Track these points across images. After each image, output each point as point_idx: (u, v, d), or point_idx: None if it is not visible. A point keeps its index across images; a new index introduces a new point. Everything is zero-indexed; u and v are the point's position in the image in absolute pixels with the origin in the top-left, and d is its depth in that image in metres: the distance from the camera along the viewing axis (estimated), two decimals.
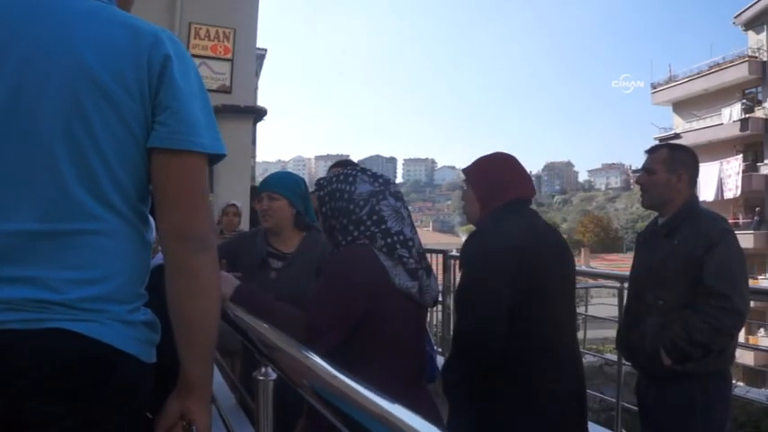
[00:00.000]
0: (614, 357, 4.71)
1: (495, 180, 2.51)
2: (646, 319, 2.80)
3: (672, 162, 2.85)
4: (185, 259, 1.21)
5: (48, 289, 1.11)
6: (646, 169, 2.92)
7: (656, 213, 2.99)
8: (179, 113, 1.19)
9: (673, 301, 2.72)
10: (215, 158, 1.27)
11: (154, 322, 1.27)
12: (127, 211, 1.21)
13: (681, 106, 31.09)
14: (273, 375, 1.36)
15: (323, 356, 1.14)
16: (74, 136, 1.14)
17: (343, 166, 3.31)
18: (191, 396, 1.24)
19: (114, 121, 1.16)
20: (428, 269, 2.14)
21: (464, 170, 2.69)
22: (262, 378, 1.35)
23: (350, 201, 2.07)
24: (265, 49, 15.69)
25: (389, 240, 2.02)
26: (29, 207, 1.13)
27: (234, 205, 5.68)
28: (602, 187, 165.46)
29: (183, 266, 1.21)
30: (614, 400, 4.36)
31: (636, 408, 3.78)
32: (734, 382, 7.46)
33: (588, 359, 7.38)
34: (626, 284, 3.75)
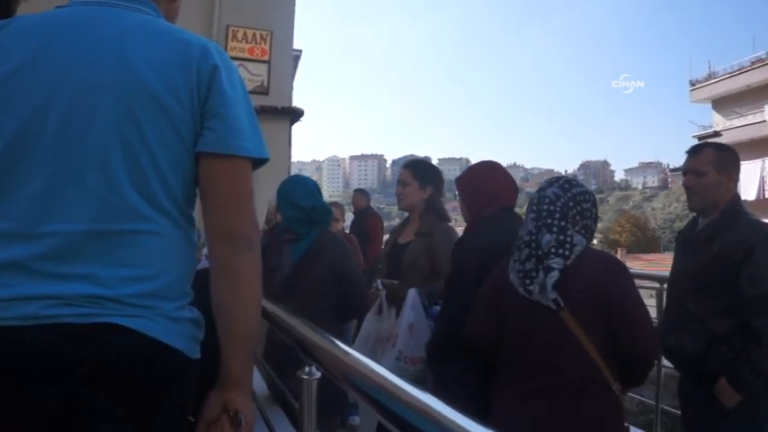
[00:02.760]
0: None
1: (482, 190, 2.71)
2: (687, 324, 2.77)
3: (721, 162, 2.78)
4: (230, 258, 1.26)
5: (100, 285, 1.16)
6: (694, 171, 2.83)
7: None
8: (226, 120, 1.26)
9: (713, 306, 2.68)
10: (259, 163, 1.32)
11: (199, 320, 1.32)
12: (175, 212, 1.27)
13: (721, 103, 30.31)
14: (317, 374, 1.39)
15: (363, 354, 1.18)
16: (127, 142, 1.20)
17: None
18: (233, 389, 1.28)
19: (166, 128, 1.23)
20: (546, 268, 2.15)
21: (458, 180, 2.87)
22: (306, 377, 1.38)
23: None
24: (300, 51, 15.80)
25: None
26: (84, 208, 1.18)
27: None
28: (639, 186, 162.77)
29: (228, 265, 1.26)
30: (653, 402, 4.29)
31: (675, 410, 3.74)
32: None
33: None
34: (665, 286, 3.70)
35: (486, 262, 2.41)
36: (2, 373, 1.12)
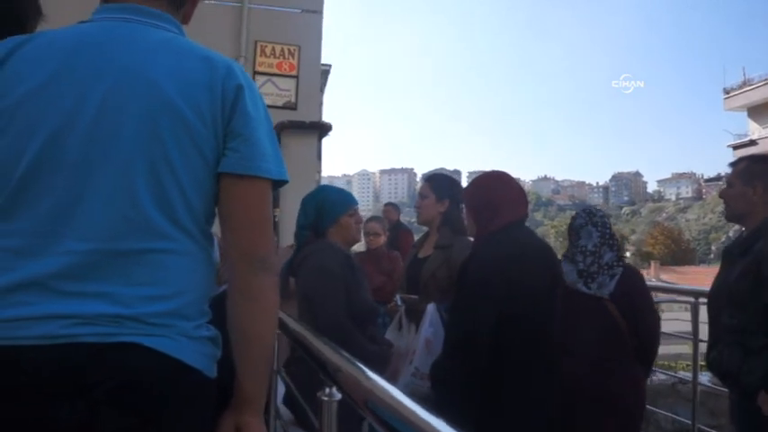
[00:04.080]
0: (688, 375, 4.53)
1: (489, 203, 2.59)
2: (723, 337, 2.75)
3: (748, 174, 2.82)
4: (248, 279, 1.25)
5: (120, 304, 1.15)
6: (727, 182, 2.92)
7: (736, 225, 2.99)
8: (249, 140, 1.25)
9: (746, 320, 2.63)
10: (278, 184, 1.31)
11: (217, 338, 1.31)
12: (196, 231, 1.26)
13: (757, 111, 29.74)
14: (338, 396, 1.36)
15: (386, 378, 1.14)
16: (151, 160, 1.20)
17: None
18: (246, 411, 1.27)
19: (189, 147, 1.22)
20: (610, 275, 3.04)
21: (464, 196, 2.84)
22: (326, 399, 1.35)
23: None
24: (330, 65, 15.93)
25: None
26: (105, 226, 1.17)
27: None
28: (673, 197, 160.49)
29: (246, 286, 1.25)
30: (689, 421, 4.17)
31: (710, 430, 3.65)
32: None
33: (659, 377, 7.12)
34: (701, 300, 3.65)
35: (495, 281, 2.36)
36: (21, 393, 1.10)
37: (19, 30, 1.65)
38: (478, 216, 2.62)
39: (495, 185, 2.68)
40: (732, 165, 2.95)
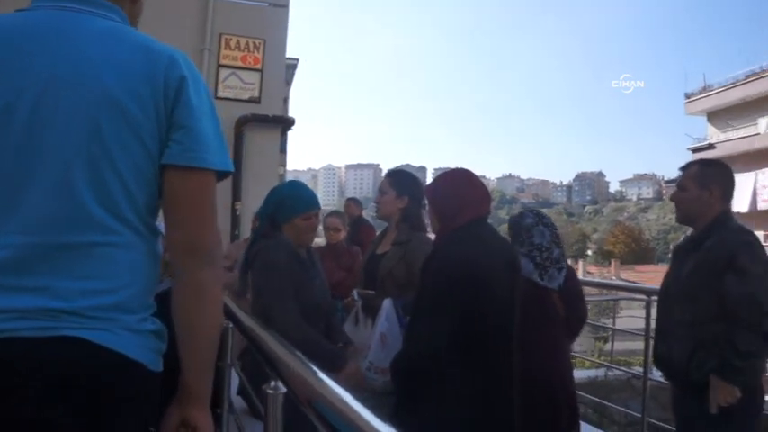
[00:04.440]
0: (641, 371, 4.64)
1: (452, 200, 2.59)
2: (674, 332, 2.86)
3: (702, 178, 2.92)
4: (192, 272, 1.25)
5: (58, 298, 1.15)
6: (679, 186, 3.02)
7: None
8: (193, 132, 1.24)
9: (699, 313, 2.75)
10: (223, 175, 1.30)
11: (161, 331, 1.30)
12: (139, 224, 1.25)
13: (716, 116, 30.42)
14: (283, 389, 1.37)
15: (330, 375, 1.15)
16: (90, 152, 1.18)
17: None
18: (191, 403, 1.28)
19: (130, 139, 1.20)
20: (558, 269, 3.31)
21: (425, 189, 2.89)
22: (271, 392, 1.36)
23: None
24: (297, 59, 15.82)
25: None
26: (45, 219, 1.16)
27: None
28: (634, 198, 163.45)
29: (190, 279, 1.25)
30: (639, 415, 4.28)
31: (661, 423, 3.77)
32: None
33: (615, 373, 7.29)
34: (653, 298, 3.77)
35: (457, 278, 2.35)
36: None
37: None
38: (442, 213, 2.62)
39: (459, 183, 2.69)
40: (683, 169, 3.04)
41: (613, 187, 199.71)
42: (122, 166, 1.21)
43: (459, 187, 2.65)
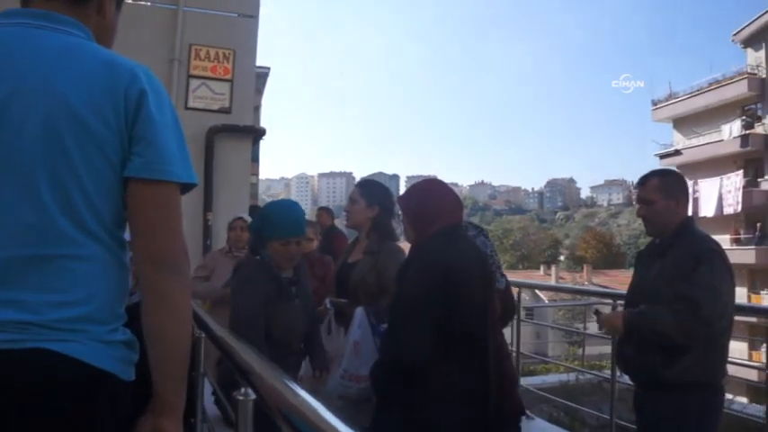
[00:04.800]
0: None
1: (426, 209, 2.65)
2: (638, 333, 2.91)
3: (667, 189, 2.99)
4: (159, 283, 1.26)
5: (27, 311, 1.16)
6: (644, 200, 3.04)
7: None
8: (154, 144, 1.26)
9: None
10: (187, 187, 1.33)
11: (132, 342, 1.32)
12: (105, 236, 1.27)
13: (681, 123, 31.07)
14: (253, 395, 1.40)
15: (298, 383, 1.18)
16: (54, 166, 1.20)
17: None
18: (164, 414, 1.29)
19: (93, 152, 1.23)
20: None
21: (398, 199, 2.90)
22: (242, 398, 1.39)
23: None
24: (268, 68, 15.84)
25: None
26: (12, 233, 1.19)
27: (241, 218, 5.26)
28: (605, 203, 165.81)
29: (157, 290, 1.26)
30: (608, 417, 4.36)
31: (629, 425, 3.85)
32: (732, 397, 7.50)
33: (587, 376, 7.40)
34: (619, 302, 3.85)
35: (435, 284, 2.41)
36: None
37: None
38: (416, 222, 2.66)
39: (432, 192, 2.75)
40: (641, 183, 3.09)
41: (584, 193, 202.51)
42: (86, 179, 1.23)
43: (432, 197, 2.71)
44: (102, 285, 1.26)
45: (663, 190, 2.99)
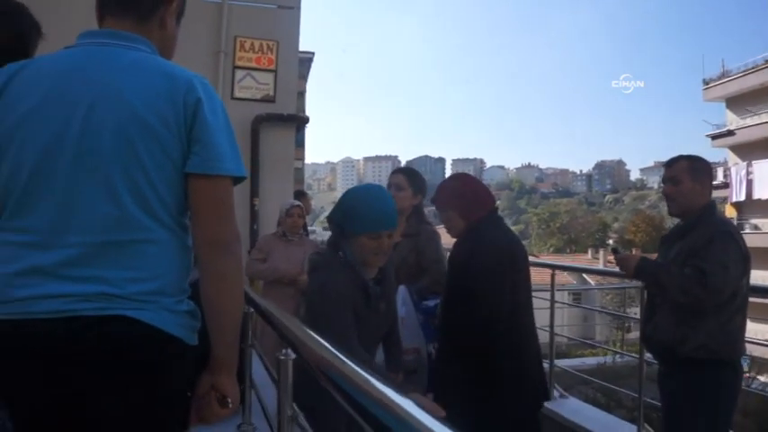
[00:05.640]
0: (648, 356, 4.77)
1: (471, 198, 3.02)
2: (660, 311, 3.10)
3: (694, 172, 3.12)
4: (214, 262, 1.50)
5: (111, 285, 1.41)
6: (671, 179, 3.18)
7: None
8: (208, 145, 1.49)
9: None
10: (238, 180, 1.56)
11: (195, 311, 1.56)
12: (171, 223, 1.51)
13: (734, 102, 30.12)
14: (293, 355, 1.63)
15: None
16: (127, 165, 1.44)
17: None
18: (220, 372, 1.54)
19: (159, 153, 1.46)
20: None
21: (436, 199, 3.13)
22: (283, 358, 1.62)
23: None
24: (312, 53, 16.15)
25: None
26: (95, 222, 1.43)
27: (299, 206, 5.62)
28: (655, 185, 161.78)
29: (213, 269, 1.50)
30: (645, 398, 4.40)
31: (657, 403, 3.96)
32: (753, 375, 7.50)
33: (625, 359, 7.46)
34: None
35: (501, 258, 2.82)
36: (35, 357, 1.38)
37: (23, 52, 1.92)
38: (464, 210, 2.98)
39: (470, 183, 3.18)
40: (669, 164, 3.22)
41: (634, 175, 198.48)
42: (154, 175, 1.46)
43: (471, 186, 3.11)
44: (170, 264, 1.50)
45: (690, 172, 3.11)
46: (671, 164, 3.21)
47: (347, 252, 2.60)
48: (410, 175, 3.86)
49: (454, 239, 3.08)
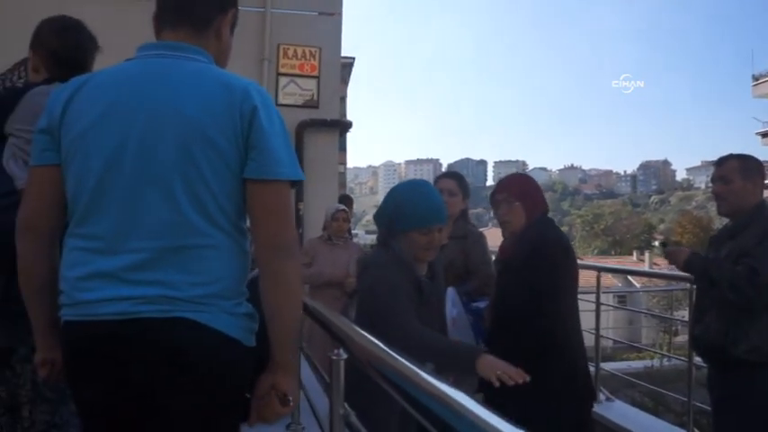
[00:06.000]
0: (698, 360, 4.70)
1: (536, 197, 3.10)
2: (709, 313, 3.05)
3: (746, 170, 3.07)
4: (274, 264, 1.53)
5: (173, 289, 1.47)
6: (721, 178, 3.13)
7: None
8: (265, 151, 1.52)
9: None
10: (296, 183, 1.59)
11: (253, 314, 1.60)
12: (230, 228, 1.55)
13: None
14: (345, 355, 1.68)
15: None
16: (186, 173, 1.49)
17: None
18: (280, 372, 1.56)
19: (216, 161, 1.50)
20: None
21: (509, 188, 3.15)
22: (335, 357, 1.67)
23: None
24: (353, 58, 16.26)
25: None
26: (157, 229, 1.49)
27: (345, 210, 5.73)
28: (702, 186, 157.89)
29: (273, 271, 1.53)
30: (695, 402, 4.33)
31: (707, 407, 3.91)
32: None
33: (672, 362, 7.35)
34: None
35: (563, 254, 2.93)
36: (101, 357, 1.46)
37: (83, 65, 2.03)
38: (531, 202, 3.04)
39: (533, 182, 3.32)
40: (720, 163, 3.17)
41: (680, 175, 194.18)
42: (212, 183, 1.50)
43: (535, 185, 3.25)
44: (228, 268, 1.54)
45: (742, 171, 3.05)
46: (721, 162, 3.16)
47: (397, 249, 2.61)
48: (459, 179, 3.93)
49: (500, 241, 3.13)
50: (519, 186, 3.13)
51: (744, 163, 3.09)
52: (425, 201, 2.61)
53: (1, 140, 2.03)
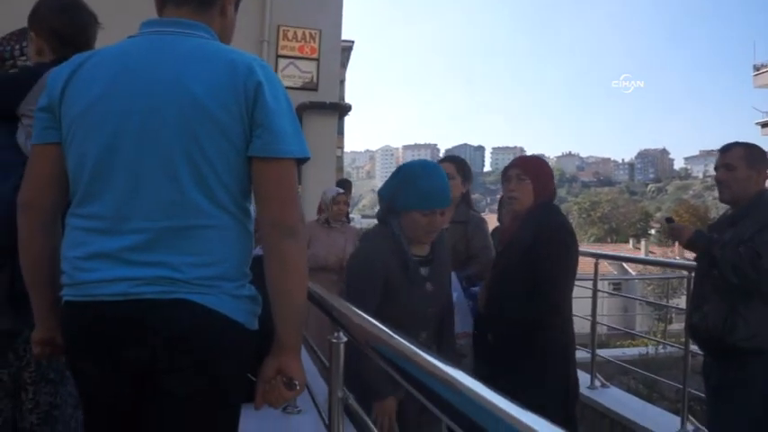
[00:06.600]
0: (694, 348, 4.71)
1: (548, 181, 3.11)
2: (708, 300, 3.05)
3: (751, 159, 3.07)
4: (278, 244, 1.50)
5: (174, 270, 1.44)
6: (725, 165, 3.11)
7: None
8: (270, 128, 1.48)
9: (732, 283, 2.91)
10: (302, 161, 1.56)
11: (256, 297, 1.58)
12: (233, 208, 1.52)
13: None
14: (344, 339, 1.67)
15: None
16: (190, 153, 1.46)
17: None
18: (285, 355, 1.54)
19: (220, 139, 1.47)
20: None
21: (524, 165, 3.14)
22: (335, 341, 1.66)
23: None
24: (352, 41, 16.17)
25: None
26: (159, 209, 1.46)
27: (344, 194, 5.75)
28: (700, 175, 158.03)
29: (277, 250, 1.50)
30: (690, 389, 4.35)
31: (702, 394, 3.93)
32: None
33: (667, 350, 7.37)
34: (693, 274, 3.90)
35: (573, 239, 3.02)
36: (101, 339, 1.44)
37: (86, 43, 2.00)
38: (542, 183, 3.07)
39: (549, 168, 3.33)
40: (725, 150, 3.16)
41: (678, 164, 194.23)
42: (216, 161, 1.47)
43: (549, 171, 3.26)
44: (231, 249, 1.52)
45: (746, 159, 3.05)
46: (726, 150, 3.15)
47: (394, 225, 2.62)
48: (458, 163, 3.94)
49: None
50: (534, 167, 3.14)
51: (749, 151, 3.09)
52: (430, 182, 2.59)
53: (15, 121, 2.00)
